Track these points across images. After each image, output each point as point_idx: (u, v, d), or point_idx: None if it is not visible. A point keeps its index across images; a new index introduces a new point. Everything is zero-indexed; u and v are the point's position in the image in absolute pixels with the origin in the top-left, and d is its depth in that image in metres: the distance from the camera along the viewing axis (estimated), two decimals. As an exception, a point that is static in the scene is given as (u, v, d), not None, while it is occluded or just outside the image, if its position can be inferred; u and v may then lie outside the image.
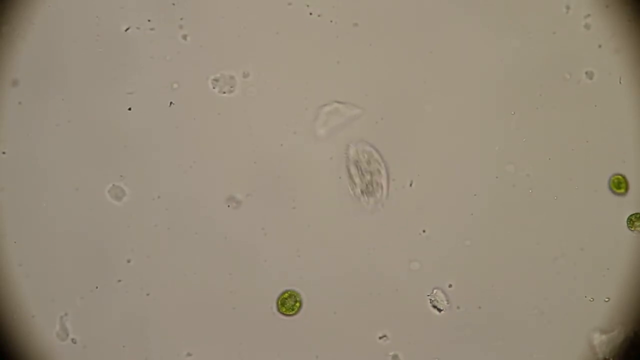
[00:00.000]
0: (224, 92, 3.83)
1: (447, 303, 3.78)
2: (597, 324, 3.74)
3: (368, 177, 3.64)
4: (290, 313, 3.78)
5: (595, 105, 3.75)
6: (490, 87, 3.79)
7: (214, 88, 3.83)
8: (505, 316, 3.79)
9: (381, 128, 3.81)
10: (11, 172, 3.82)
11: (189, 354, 3.82)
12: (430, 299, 3.79)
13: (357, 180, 3.75)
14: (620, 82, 3.73)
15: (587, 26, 3.75)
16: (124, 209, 3.83)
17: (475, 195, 3.79)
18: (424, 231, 3.80)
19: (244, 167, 3.85)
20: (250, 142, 3.84)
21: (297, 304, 3.78)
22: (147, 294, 3.82)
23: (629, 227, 3.71)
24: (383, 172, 3.72)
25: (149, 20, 3.82)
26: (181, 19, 3.83)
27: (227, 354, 3.83)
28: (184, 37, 3.83)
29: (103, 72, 3.83)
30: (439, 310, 3.78)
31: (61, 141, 3.84)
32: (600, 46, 3.75)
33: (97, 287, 3.82)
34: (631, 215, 3.70)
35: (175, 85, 3.80)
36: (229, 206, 3.83)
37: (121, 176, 3.83)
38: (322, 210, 3.83)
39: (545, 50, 3.77)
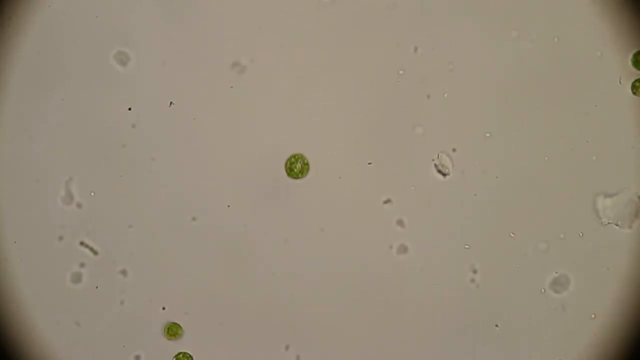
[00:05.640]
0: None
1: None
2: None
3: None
4: (299, 176, 3.76)
5: (595, 105, 3.76)
6: (490, 87, 3.79)
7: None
8: (506, 316, 3.79)
9: (381, 128, 3.82)
10: (11, 172, 3.82)
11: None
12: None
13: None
14: (620, 82, 3.73)
15: (587, 26, 3.75)
16: (124, 209, 3.83)
17: (475, 195, 3.80)
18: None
19: (243, 167, 3.85)
20: (250, 142, 3.84)
21: (305, 167, 3.75)
22: (147, 294, 3.83)
23: (633, 92, 3.59)
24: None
25: (148, 21, 3.82)
26: (181, 18, 3.83)
27: (227, 353, 3.84)
28: (184, 37, 3.83)
29: (103, 72, 3.83)
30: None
31: (61, 141, 3.84)
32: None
33: (97, 287, 3.82)
34: (635, 81, 3.56)
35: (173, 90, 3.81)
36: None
37: (121, 176, 3.83)
38: (322, 209, 3.83)
39: (545, 50, 3.77)
